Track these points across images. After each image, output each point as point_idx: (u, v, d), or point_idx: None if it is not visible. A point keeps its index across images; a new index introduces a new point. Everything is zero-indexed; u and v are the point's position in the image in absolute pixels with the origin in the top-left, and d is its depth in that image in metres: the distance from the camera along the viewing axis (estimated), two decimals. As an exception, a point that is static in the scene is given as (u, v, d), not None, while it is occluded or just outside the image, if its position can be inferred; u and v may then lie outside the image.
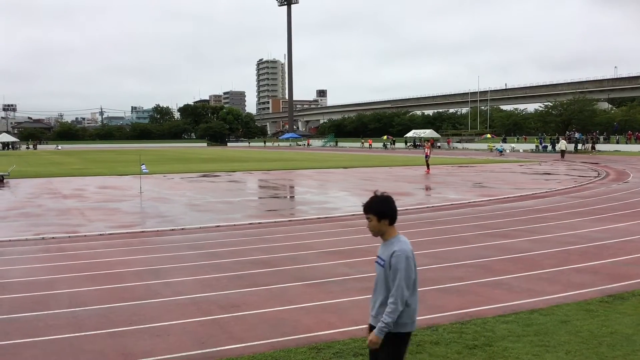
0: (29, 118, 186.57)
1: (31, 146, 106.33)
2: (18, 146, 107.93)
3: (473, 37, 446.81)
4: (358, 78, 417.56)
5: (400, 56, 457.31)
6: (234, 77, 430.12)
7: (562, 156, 50.39)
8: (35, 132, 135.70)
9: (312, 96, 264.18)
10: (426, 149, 34.52)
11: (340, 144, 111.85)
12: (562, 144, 53.40)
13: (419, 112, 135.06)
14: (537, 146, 68.76)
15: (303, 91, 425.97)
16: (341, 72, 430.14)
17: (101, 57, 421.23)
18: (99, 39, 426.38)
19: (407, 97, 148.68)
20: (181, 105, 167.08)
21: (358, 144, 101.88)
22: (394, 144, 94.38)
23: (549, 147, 65.87)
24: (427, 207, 17.24)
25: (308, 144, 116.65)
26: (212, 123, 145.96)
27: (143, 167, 23.10)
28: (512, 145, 73.72)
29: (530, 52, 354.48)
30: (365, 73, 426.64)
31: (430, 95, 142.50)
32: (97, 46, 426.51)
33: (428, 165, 33.19)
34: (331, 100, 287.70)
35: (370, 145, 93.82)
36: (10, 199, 20.51)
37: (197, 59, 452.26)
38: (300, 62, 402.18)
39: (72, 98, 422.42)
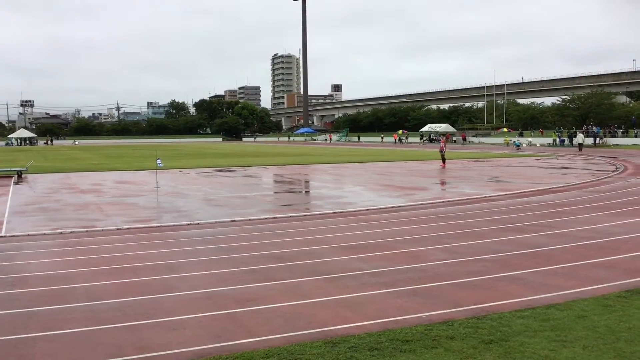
0: (46, 114, 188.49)
1: (49, 142, 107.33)
2: (36, 141, 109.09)
3: (496, 30, 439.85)
4: (378, 73, 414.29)
5: (421, 50, 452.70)
6: (250, 72, 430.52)
7: (580, 149, 50.53)
8: (52, 128, 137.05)
9: (329, 91, 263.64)
10: (442, 143, 34.53)
11: (362, 139, 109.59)
12: (579, 137, 53.55)
13: (434, 107, 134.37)
14: (554, 140, 68.08)
15: (321, 86, 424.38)
16: (361, 66, 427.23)
17: (122, 53, 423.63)
18: (122, 36, 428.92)
19: (423, 92, 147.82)
20: (196, 100, 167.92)
21: (378, 139, 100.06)
22: (423, 139, 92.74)
23: (566, 141, 65.24)
24: (443, 201, 17.16)
25: (330, 139, 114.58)
26: (227, 118, 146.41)
27: (159, 161, 23.25)
28: (529, 139, 73.21)
29: (551, 45, 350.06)
30: (385, 68, 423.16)
31: (446, 90, 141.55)
32: (119, 43, 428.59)
33: (444, 160, 33.16)
34: (350, 95, 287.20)
35: (395, 140, 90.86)
36: (29, 194, 20.73)
37: (213, 55, 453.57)
38: (320, 57, 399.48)
39: (90, 94, 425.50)
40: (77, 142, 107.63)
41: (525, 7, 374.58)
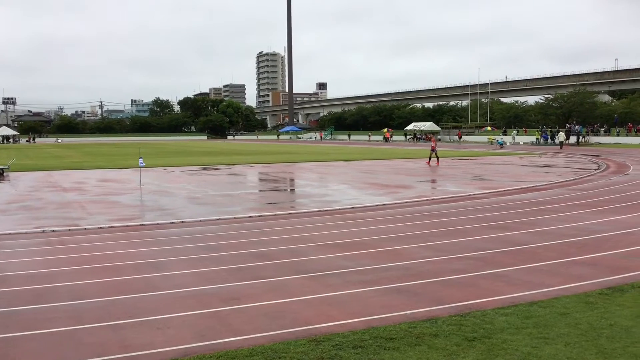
0: (29, 111, 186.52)
1: (31, 140, 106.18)
2: (18, 139, 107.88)
3: (486, 29, 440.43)
4: (365, 71, 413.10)
5: (410, 48, 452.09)
6: (235, 70, 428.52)
7: (561, 147, 52.30)
8: (35, 126, 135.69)
9: (315, 89, 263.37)
10: (432, 142, 34.71)
11: (351, 137, 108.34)
12: (560, 136, 55.58)
13: (419, 105, 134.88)
14: (537, 139, 68.68)
15: (307, 84, 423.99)
16: (349, 64, 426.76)
17: (107, 50, 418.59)
18: (107, 32, 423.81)
19: (408, 90, 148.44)
20: (181, 98, 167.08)
21: (372, 137, 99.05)
22: (407, 137, 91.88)
23: (549, 140, 65.91)
24: (428, 199, 17.23)
25: (321, 137, 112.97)
26: (212, 116, 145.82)
27: (140, 160, 23.11)
28: (513, 134, 74.12)
29: (539, 44, 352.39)
30: (373, 66, 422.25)
31: (431, 88, 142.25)
32: (104, 39, 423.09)
33: (437, 158, 33.50)
34: (336, 93, 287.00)
35: (387, 138, 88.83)
36: (11, 192, 20.50)
37: (199, 52, 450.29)
38: (307, 55, 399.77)
39: (73, 91, 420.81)
40: (59, 140, 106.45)
41: (516, 5, 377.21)
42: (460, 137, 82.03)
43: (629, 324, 6.07)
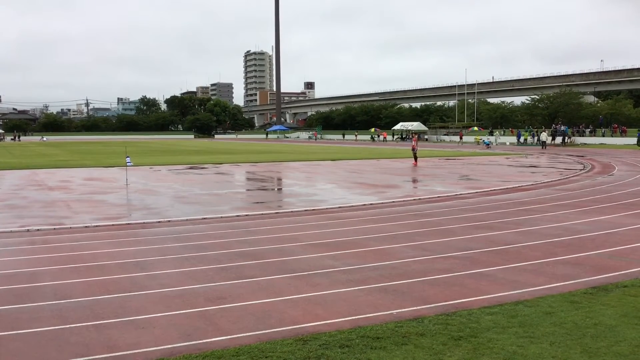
0: (14, 109, 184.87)
1: (16, 138, 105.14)
2: (2, 137, 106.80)
3: (476, 28, 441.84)
4: (355, 70, 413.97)
5: (400, 48, 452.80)
6: (223, 69, 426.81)
7: (544, 147, 54.17)
8: (20, 124, 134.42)
9: (303, 88, 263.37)
10: (413, 142, 34.80)
11: (346, 136, 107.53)
12: (543, 136, 57.57)
13: (406, 105, 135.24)
14: (525, 139, 69.05)
15: (295, 83, 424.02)
16: (338, 64, 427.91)
17: (95, 47, 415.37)
18: (96, 29, 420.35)
19: (396, 90, 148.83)
20: (168, 96, 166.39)
21: (364, 137, 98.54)
22: (395, 137, 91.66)
23: (535, 140, 66.46)
24: (414, 199, 17.27)
25: (315, 137, 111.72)
26: (199, 115, 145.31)
27: (128, 159, 22.96)
28: (497, 134, 74.55)
29: (528, 44, 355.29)
30: (362, 65, 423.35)
31: (419, 88, 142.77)
32: (92, 36, 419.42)
33: (415, 158, 33.50)
34: (324, 92, 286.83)
35: (384, 138, 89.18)
36: (-5, 191, 20.29)
37: (187, 50, 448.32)
38: (297, 54, 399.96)
39: (59, 89, 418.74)
40: (45, 139, 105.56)
41: (505, 6, 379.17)
42: (461, 138, 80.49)
43: (614, 323, 6.12)
